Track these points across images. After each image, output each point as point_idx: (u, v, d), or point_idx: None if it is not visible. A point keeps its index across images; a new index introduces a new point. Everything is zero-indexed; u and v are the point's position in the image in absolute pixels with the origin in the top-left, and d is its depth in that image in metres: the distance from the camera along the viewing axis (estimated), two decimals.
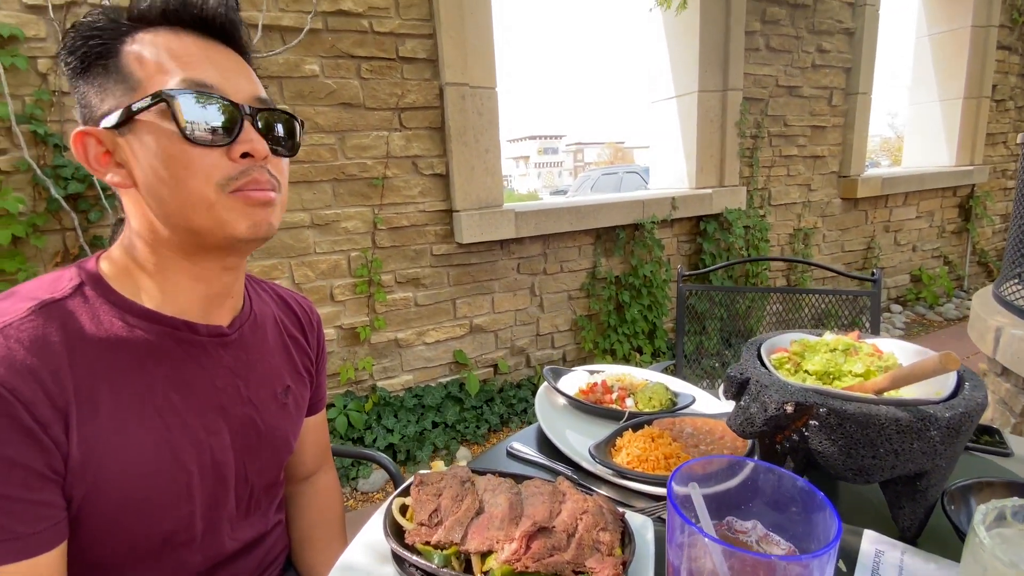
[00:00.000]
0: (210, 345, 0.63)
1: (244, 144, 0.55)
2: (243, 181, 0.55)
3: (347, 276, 2.44)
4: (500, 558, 0.53)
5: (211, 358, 0.63)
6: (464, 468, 0.67)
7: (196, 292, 0.61)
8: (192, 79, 0.53)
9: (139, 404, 0.55)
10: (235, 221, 0.56)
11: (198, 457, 0.60)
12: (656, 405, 0.89)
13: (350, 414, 2.40)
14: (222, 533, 0.66)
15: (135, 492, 0.55)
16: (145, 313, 0.58)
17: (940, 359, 0.43)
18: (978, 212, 4.66)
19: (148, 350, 0.57)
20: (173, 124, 0.51)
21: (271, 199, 0.58)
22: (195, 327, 0.61)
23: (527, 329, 2.95)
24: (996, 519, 0.39)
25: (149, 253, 0.58)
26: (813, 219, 3.85)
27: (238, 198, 0.55)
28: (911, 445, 0.52)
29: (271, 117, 0.59)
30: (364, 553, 0.59)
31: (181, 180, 0.53)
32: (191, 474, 0.59)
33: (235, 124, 0.54)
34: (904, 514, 0.59)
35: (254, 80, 0.59)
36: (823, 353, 0.67)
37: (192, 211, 0.54)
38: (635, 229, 3.08)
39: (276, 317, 0.76)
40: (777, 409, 0.57)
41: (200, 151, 0.53)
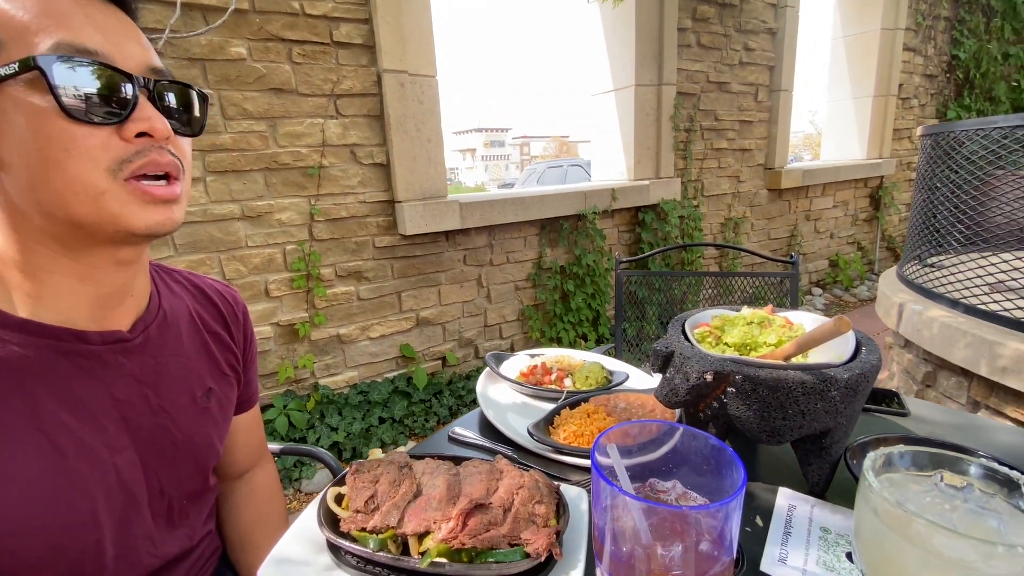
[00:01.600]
0: (106, 354, 0.55)
1: (140, 122, 0.47)
2: (140, 163, 0.48)
3: (283, 270, 2.34)
4: (437, 537, 0.53)
5: (108, 368, 0.55)
6: (402, 454, 0.66)
7: (83, 294, 0.53)
8: (70, 43, 0.44)
9: (20, 429, 0.48)
10: (130, 216, 0.48)
11: (101, 479, 0.54)
12: (592, 383, 0.91)
13: (291, 414, 2.31)
14: (139, 552, 0.60)
15: (28, 526, 0.48)
16: (19, 324, 0.49)
17: (834, 323, 0.48)
18: (886, 201, 5.11)
19: (26, 367, 0.49)
20: (48, 97, 0.43)
21: (175, 195, 0.51)
22: (85, 336, 0.53)
23: (475, 321, 2.95)
24: (884, 464, 0.43)
25: (18, 250, 0.49)
26: (742, 209, 4.08)
27: (134, 191, 0.48)
28: (815, 405, 0.57)
29: (170, 90, 0.52)
30: (298, 544, 0.57)
31: (59, 163, 0.45)
32: (94, 499, 0.53)
33: (128, 98, 0.47)
34: (812, 470, 0.65)
35: (146, 46, 0.51)
36: (740, 326, 0.71)
37: (74, 200, 0.46)
38: (578, 220, 3.14)
39: (192, 312, 0.69)
40: (698, 378, 0.61)
41: (85, 130, 0.45)
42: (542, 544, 0.51)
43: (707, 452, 0.44)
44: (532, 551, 0.51)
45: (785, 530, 0.61)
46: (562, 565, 0.54)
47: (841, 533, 0.60)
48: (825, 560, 0.56)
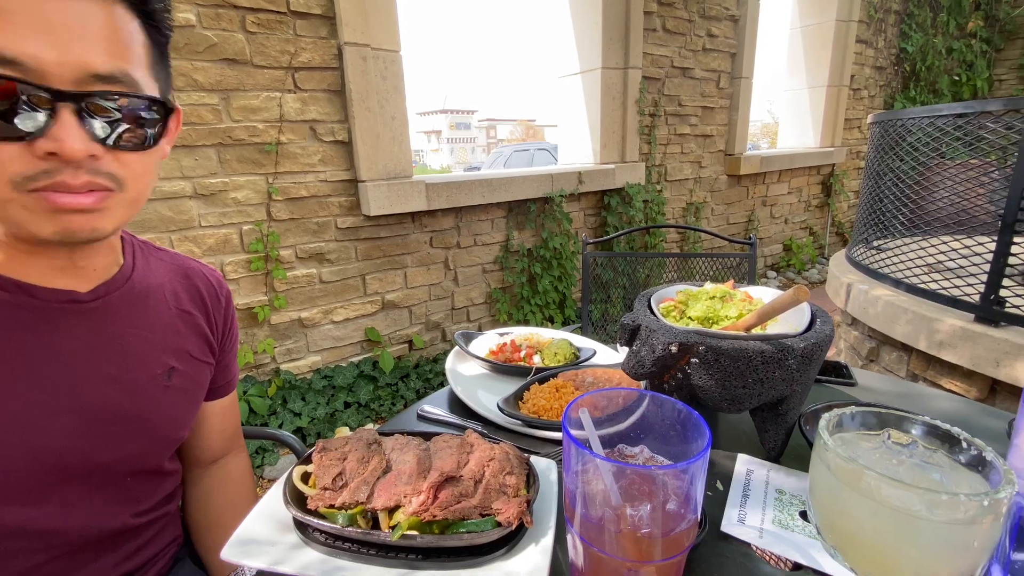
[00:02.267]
0: (55, 313, 0.54)
1: (50, 142, 0.44)
2: (45, 183, 0.45)
3: (240, 252, 2.24)
4: (408, 510, 0.53)
5: (56, 328, 0.54)
6: (370, 430, 0.65)
7: (33, 264, 0.53)
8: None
9: None
10: (35, 224, 0.46)
11: (22, 440, 0.52)
12: (561, 360, 0.92)
13: (251, 400, 2.25)
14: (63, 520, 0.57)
15: None
16: None
17: (793, 292, 0.50)
18: (837, 189, 5.35)
19: None
20: None
21: (84, 205, 0.47)
22: (31, 290, 0.53)
23: (442, 304, 2.93)
24: (837, 425, 0.46)
25: None
26: (703, 194, 4.18)
27: (39, 199, 0.46)
28: (773, 373, 0.60)
29: (108, 103, 0.47)
30: (262, 524, 0.56)
31: None
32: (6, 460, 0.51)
33: (39, 115, 0.43)
34: (769, 436, 0.68)
35: (102, 42, 0.46)
36: (704, 301, 0.73)
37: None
38: (545, 203, 3.15)
39: (169, 290, 0.67)
40: (663, 350, 0.63)
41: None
42: (513, 513, 0.52)
43: (673, 417, 0.45)
44: (503, 520, 0.52)
45: (744, 493, 0.63)
46: (533, 532, 0.55)
47: (795, 494, 0.63)
48: (780, 519, 0.59)
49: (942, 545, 0.36)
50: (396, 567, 0.50)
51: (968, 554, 0.35)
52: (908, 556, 0.37)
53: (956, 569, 0.37)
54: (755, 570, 0.53)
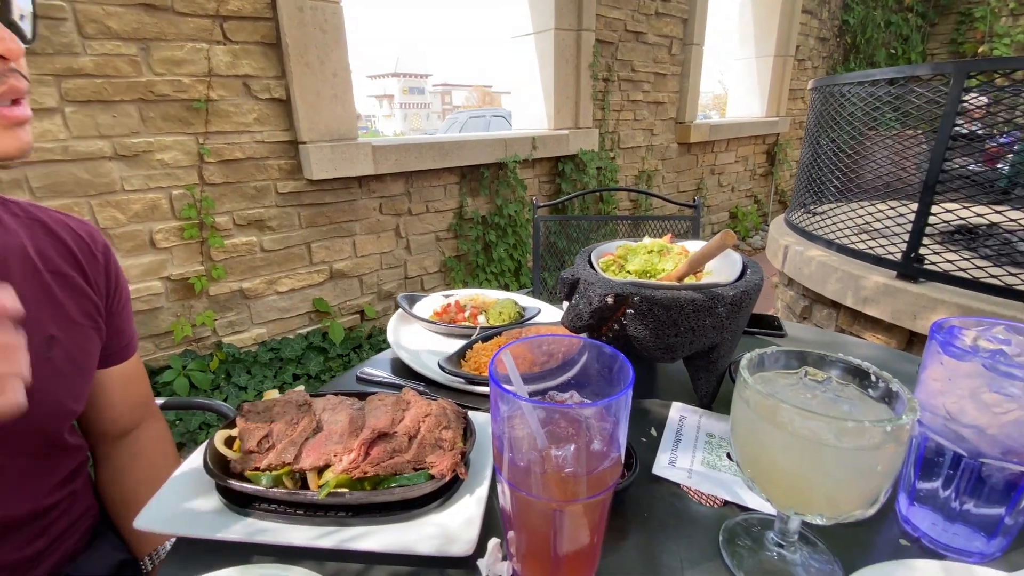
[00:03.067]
0: None
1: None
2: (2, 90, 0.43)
3: (170, 218, 2.09)
4: (337, 469, 0.51)
5: None
6: (300, 392, 0.62)
7: None
8: None
9: None
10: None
11: None
12: (506, 319, 0.92)
13: (192, 375, 2.14)
14: None
15: None
16: None
17: (720, 237, 0.50)
18: (780, 158, 5.54)
19: None
20: None
21: (28, 117, 0.47)
22: None
23: (394, 272, 2.86)
24: (758, 364, 0.47)
25: None
26: (655, 162, 4.24)
27: None
28: (704, 321, 0.61)
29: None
30: (181, 492, 0.53)
31: None
32: None
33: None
34: (701, 384, 0.70)
35: None
36: (642, 255, 0.74)
37: None
38: (499, 169, 3.09)
39: (34, 249, 0.60)
40: (600, 301, 0.62)
41: None
42: (446, 465, 0.51)
43: (603, 361, 0.45)
44: (436, 473, 0.51)
45: (676, 438, 0.66)
46: (469, 484, 0.54)
47: (724, 437, 0.66)
48: (709, 460, 0.61)
49: (849, 471, 0.38)
50: (324, 525, 0.49)
51: (873, 479, 0.37)
52: (818, 483, 0.39)
53: (861, 493, 0.39)
54: (684, 508, 0.55)
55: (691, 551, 0.49)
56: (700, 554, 0.49)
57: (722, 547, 0.49)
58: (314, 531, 0.48)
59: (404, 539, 0.47)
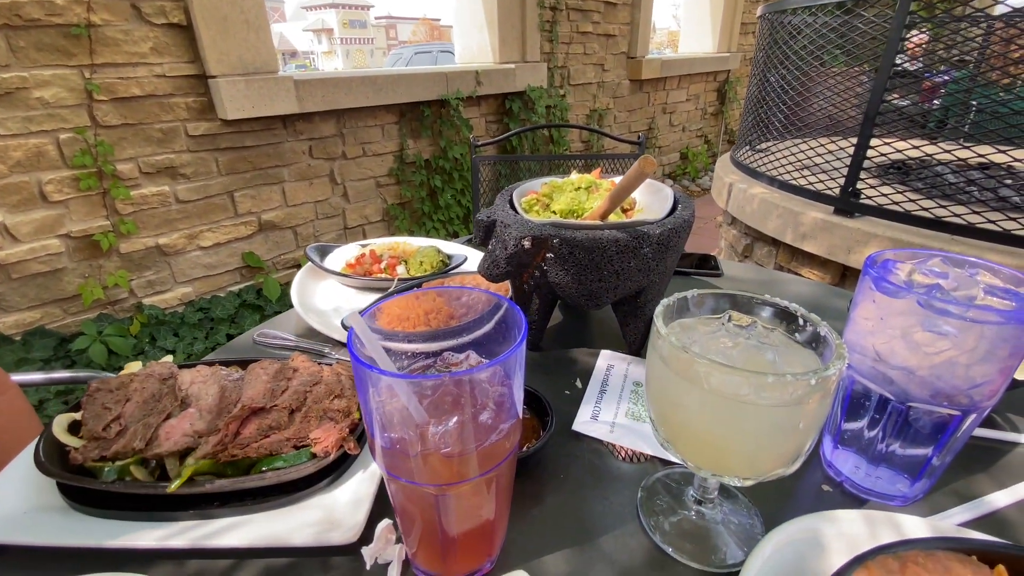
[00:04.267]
0: None
1: None
2: None
3: (61, 167, 1.83)
4: (198, 453, 0.43)
5: None
6: (166, 363, 0.53)
7: None
8: None
9: None
10: None
11: None
12: (427, 268, 0.84)
13: (109, 340, 1.96)
14: None
15: None
16: None
17: (639, 164, 0.43)
18: (730, 96, 5.49)
19: None
20: None
21: None
22: None
23: (332, 223, 2.68)
24: (678, 311, 0.41)
25: None
26: (606, 100, 4.09)
27: None
28: (629, 264, 0.55)
29: None
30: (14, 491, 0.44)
31: None
32: None
33: None
34: (629, 330, 0.65)
35: None
36: (568, 192, 0.66)
37: None
38: (441, 107, 2.89)
39: None
40: (516, 245, 0.55)
41: None
42: (331, 442, 0.44)
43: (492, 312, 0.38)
44: (320, 450, 0.44)
45: (601, 389, 0.61)
46: (362, 459, 0.48)
47: None
48: (634, 411, 0.57)
49: (770, 429, 0.33)
50: (184, 520, 0.42)
51: (796, 436, 0.33)
52: (736, 443, 0.35)
53: (783, 452, 0.34)
54: (604, 466, 0.51)
55: (608, 514, 0.45)
56: (618, 516, 0.45)
57: (639, 507, 0.45)
58: (168, 528, 0.41)
59: (276, 529, 0.40)
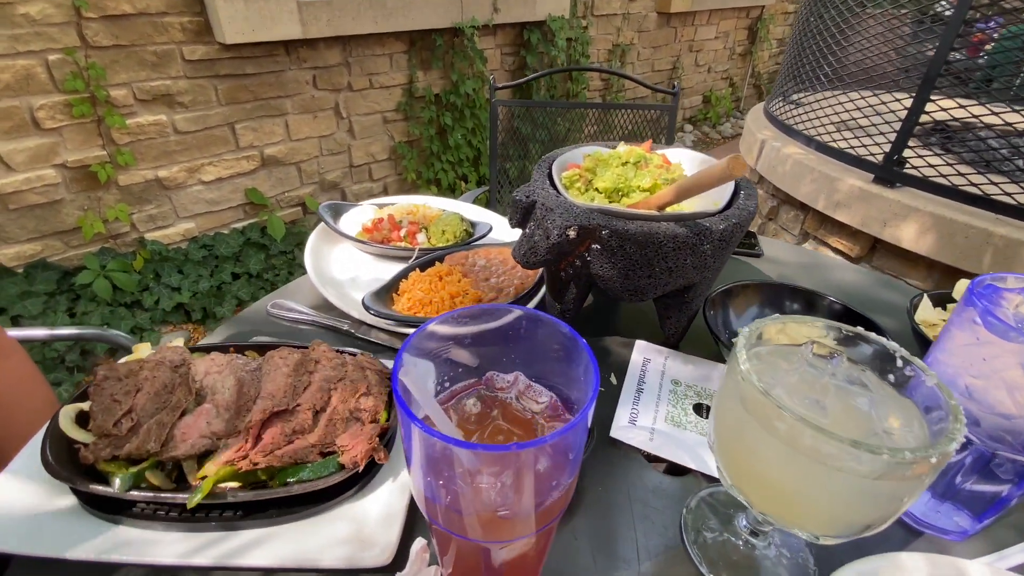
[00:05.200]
0: None
1: None
2: None
3: (52, 91, 1.72)
4: (220, 459, 0.40)
5: None
6: (178, 348, 0.49)
7: None
8: None
9: None
10: None
11: None
12: (450, 238, 0.78)
13: (113, 276, 1.93)
14: None
15: None
16: None
17: (727, 164, 0.37)
18: (762, 35, 5.11)
19: None
20: None
21: None
22: None
23: (338, 160, 2.57)
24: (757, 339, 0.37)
25: None
26: (631, 34, 3.80)
27: None
28: (685, 261, 0.49)
29: None
30: (19, 489, 0.41)
31: None
32: None
33: None
34: (671, 323, 0.61)
35: None
36: (614, 168, 0.59)
37: None
38: (454, 36, 2.67)
39: None
40: (560, 235, 0.49)
41: None
42: (360, 452, 0.41)
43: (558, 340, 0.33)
44: (348, 461, 0.41)
45: (638, 387, 0.58)
46: (390, 466, 0.45)
47: (690, 384, 0.59)
48: (673, 415, 0.54)
49: (867, 498, 0.30)
50: (206, 531, 0.39)
51: (895, 504, 0.29)
52: (822, 506, 0.31)
53: (877, 517, 0.31)
54: (644, 478, 0.48)
55: (650, 535, 0.43)
56: (660, 539, 0.43)
57: (684, 531, 0.43)
58: (191, 542, 0.38)
59: (306, 548, 0.38)
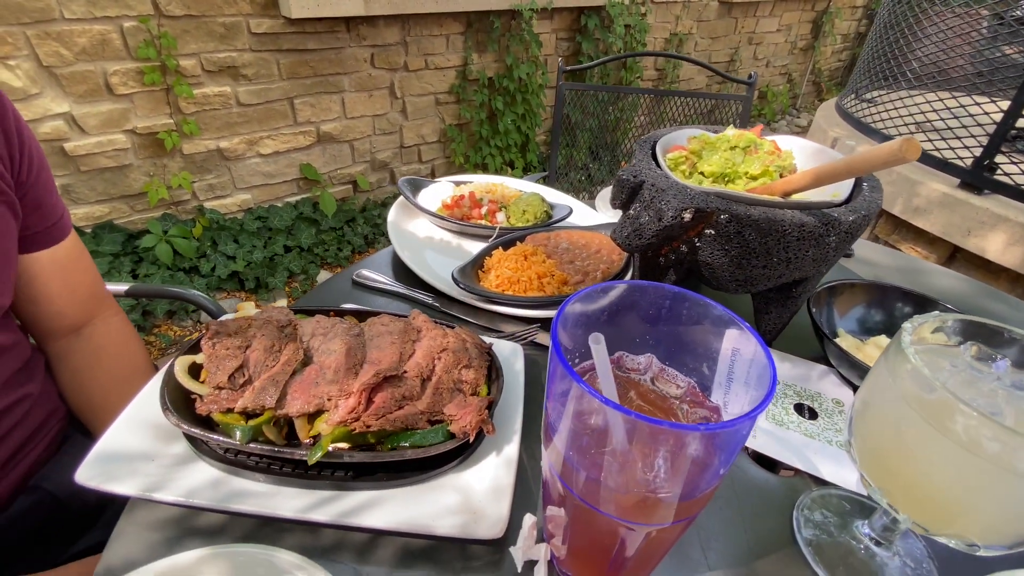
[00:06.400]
0: None
1: None
2: None
3: (125, 58, 1.77)
4: (333, 418, 0.41)
5: None
6: (283, 309, 0.50)
7: None
8: None
9: None
10: None
11: None
12: (530, 219, 0.77)
13: (174, 241, 2.00)
14: None
15: None
16: None
17: (900, 145, 0.34)
18: (826, 30, 4.87)
19: None
20: None
21: None
22: None
23: (389, 140, 2.58)
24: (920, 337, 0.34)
25: None
26: (689, 23, 3.68)
27: None
28: (807, 252, 0.47)
29: None
30: (137, 434, 0.42)
31: None
32: None
33: None
34: (771, 319, 0.58)
35: None
36: (722, 152, 0.57)
37: None
38: (512, 18, 2.64)
39: None
40: (674, 217, 0.47)
41: None
42: (470, 422, 0.41)
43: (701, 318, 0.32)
44: (458, 430, 0.41)
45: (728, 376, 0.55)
46: (494, 440, 0.45)
47: (789, 383, 0.56)
48: (774, 414, 0.52)
49: None
50: (318, 489, 0.40)
51: None
52: (988, 513, 0.29)
53: None
54: (747, 477, 0.46)
55: (759, 535, 0.41)
56: (770, 539, 0.41)
57: (797, 532, 0.41)
58: (305, 498, 0.39)
59: (418, 513, 0.38)
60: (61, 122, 1.74)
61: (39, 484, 0.58)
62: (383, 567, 0.37)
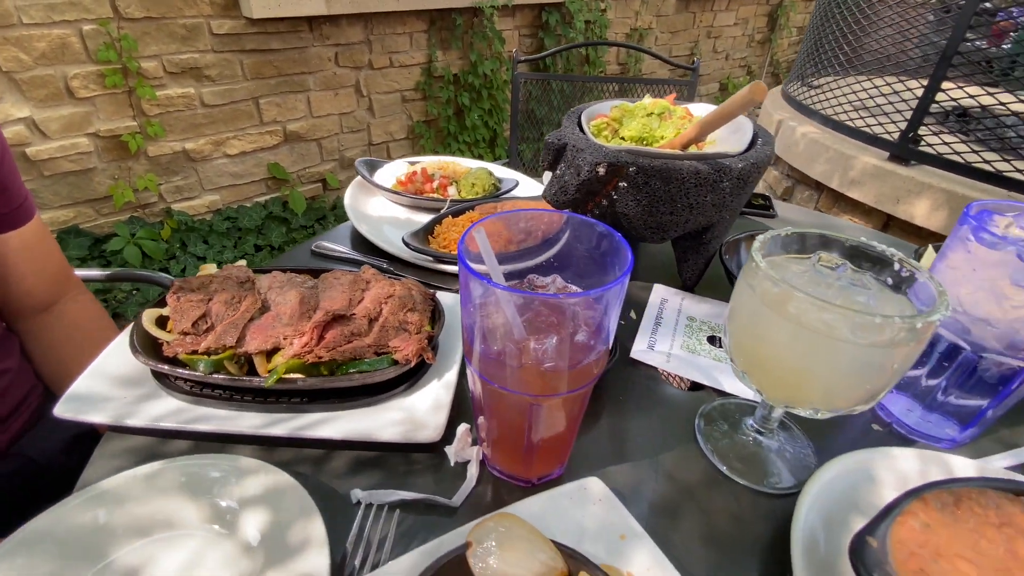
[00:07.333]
0: None
1: None
2: None
3: (86, 61, 1.78)
4: (287, 353, 0.46)
5: None
6: (242, 267, 0.55)
7: None
8: None
9: None
10: None
11: None
12: (479, 191, 0.82)
13: (142, 243, 2.00)
14: None
15: None
16: None
17: (749, 90, 0.41)
18: (782, 23, 5.06)
19: None
20: None
21: None
22: None
23: (357, 137, 2.62)
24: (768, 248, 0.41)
25: None
26: (649, 18, 3.79)
27: None
28: (705, 198, 0.54)
29: None
30: (106, 378, 0.47)
31: None
32: None
33: None
34: (688, 266, 0.65)
35: None
36: (640, 118, 0.63)
37: None
38: (474, 15, 2.70)
39: None
40: (590, 171, 0.54)
41: None
42: (411, 350, 0.47)
43: (591, 239, 0.38)
44: (400, 358, 0.47)
45: (656, 321, 0.62)
46: (436, 368, 0.50)
47: (705, 320, 0.63)
48: (688, 344, 0.59)
49: (861, 368, 0.34)
50: (275, 412, 0.45)
51: (884, 376, 0.34)
52: (822, 379, 0.36)
53: (868, 391, 0.36)
54: (660, 392, 0.53)
55: (666, 434, 0.48)
56: (675, 437, 0.47)
57: (698, 430, 0.48)
58: (263, 418, 0.44)
59: (365, 426, 0.43)
60: (22, 127, 1.73)
61: (20, 451, 0.61)
62: (337, 477, 0.43)
